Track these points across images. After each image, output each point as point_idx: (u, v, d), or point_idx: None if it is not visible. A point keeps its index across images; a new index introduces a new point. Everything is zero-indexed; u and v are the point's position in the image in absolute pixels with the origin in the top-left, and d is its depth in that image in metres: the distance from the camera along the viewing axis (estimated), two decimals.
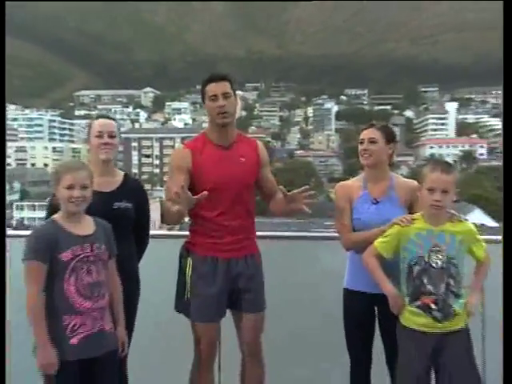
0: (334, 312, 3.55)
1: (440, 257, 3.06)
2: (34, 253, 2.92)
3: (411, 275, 3.11)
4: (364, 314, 3.43)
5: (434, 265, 3.06)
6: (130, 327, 3.29)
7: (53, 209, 3.20)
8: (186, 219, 3.69)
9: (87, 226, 3.07)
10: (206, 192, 3.10)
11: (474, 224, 3.43)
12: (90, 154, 3.54)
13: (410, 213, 3.31)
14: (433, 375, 3.16)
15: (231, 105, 3.31)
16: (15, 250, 3.69)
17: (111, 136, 3.39)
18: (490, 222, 29.96)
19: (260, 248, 3.59)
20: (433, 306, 3.04)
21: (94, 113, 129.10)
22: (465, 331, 3.10)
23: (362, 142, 3.46)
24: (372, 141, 3.39)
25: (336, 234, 3.62)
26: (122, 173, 3.54)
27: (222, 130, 3.38)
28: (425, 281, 3.08)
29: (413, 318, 3.08)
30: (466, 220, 3.24)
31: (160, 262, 4.09)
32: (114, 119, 3.67)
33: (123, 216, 3.35)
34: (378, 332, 3.51)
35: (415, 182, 3.39)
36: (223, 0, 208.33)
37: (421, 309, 3.07)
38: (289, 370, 3.99)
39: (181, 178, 3.30)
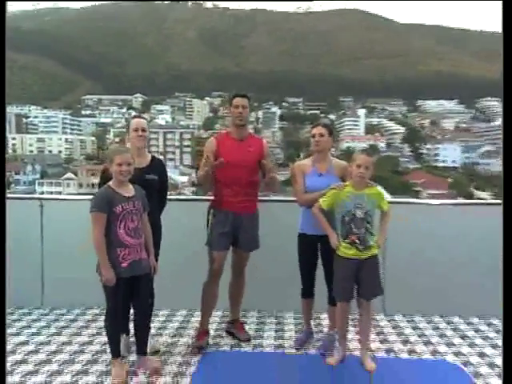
0: (293, 250, 3.72)
1: (361, 210, 3.31)
2: (97, 207, 3.12)
3: (343, 222, 3.33)
4: (311, 249, 3.65)
5: (357, 215, 3.31)
6: (156, 257, 3.47)
7: (105, 179, 3.34)
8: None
9: (130, 190, 3.24)
10: (222, 159, 3.49)
11: None
12: (129, 143, 3.59)
13: (342, 181, 3.52)
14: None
15: (246, 113, 3.71)
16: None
17: (143, 130, 3.55)
18: (387, 196, 30.93)
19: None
20: (357, 242, 3.31)
21: (96, 112, 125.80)
22: (375, 257, 3.39)
23: (314, 136, 3.63)
24: (321, 135, 3.61)
25: (292, 198, 3.82)
26: (150, 155, 3.66)
27: (238, 128, 3.75)
28: (352, 226, 3.32)
29: (344, 250, 3.33)
30: (376, 185, 3.45)
31: (177, 215, 4.12)
32: (144, 118, 3.83)
33: (151, 184, 3.48)
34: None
35: (345, 163, 3.60)
36: (196, 30, 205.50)
37: (349, 244, 3.32)
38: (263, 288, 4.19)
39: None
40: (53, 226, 4.54)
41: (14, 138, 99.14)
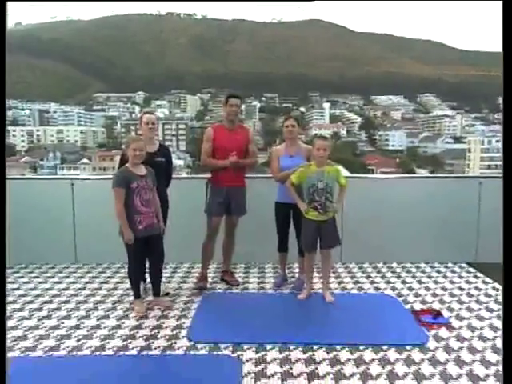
0: (271, 215, 3.88)
1: (322, 183, 3.46)
2: (118, 184, 3.25)
3: (309, 193, 3.49)
4: (285, 213, 3.80)
5: (319, 187, 3.46)
6: (165, 222, 3.58)
7: (123, 161, 3.45)
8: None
9: (142, 170, 3.35)
10: (234, 152, 3.71)
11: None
12: (142, 133, 3.66)
13: (307, 161, 3.63)
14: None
15: (238, 110, 3.84)
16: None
17: (153, 123, 3.64)
18: (346, 172, 31.29)
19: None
20: (318, 207, 3.49)
21: (105, 107, 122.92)
22: (333, 219, 3.56)
23: (287, 126, 3.76)
24: (293, 126, 3.76)
25: (270, 175, 3.95)
26: (158, 142, 3.76)
27: (230, 121, 3.87)
28: (315, 195, 3.48)
29: (309, 213, 3.51)
30: (336, 164, 3.64)
31: (180, 191, 4.20)
32: (153, 113, 3.91)
33: (160, 166, 3.59)
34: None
35: (310, 146, 3.71)
36: (188, 37, 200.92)
37: (313, 209, 3.49)
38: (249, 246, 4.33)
39: (209, 144, 3.81)
40: (81, 201, 4.66)
41: (37, 130, 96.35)
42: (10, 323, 3.21)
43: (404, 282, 4.09)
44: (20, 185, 4.78)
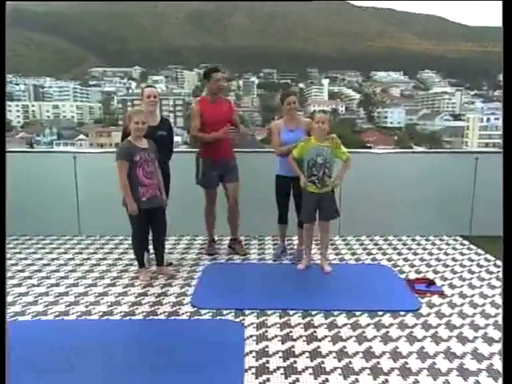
0: (272, 188, 3.94)
1: (321, 157, 3.51)
2: (121, 156, 3.29)
3: (308, 166, 3.54)
4: (285, 186, 3.84)
5: (318, 161, 3.52)
6: (167, 195, 3.67)
7: (126, 134, 3.45)
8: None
9: (145, 143, 3.39)
10: (228, 124, 3.76)
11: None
12: (143, 107, 3.67)
13: (307, 135, 3.68)
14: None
15: (225, 84, 3.87)
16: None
17: (154, 96, 3.65)
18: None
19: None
20: (316, 181, 3.55)
21: (102, 82, 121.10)
22: (331, 192, 3.63)
23: (289, 103, 3.74)
24: (294, 102, 3.76)
25: (269, 149, 4.07)
26: (160, 116, 3.78)
27: (213, 95, 3.91)
28: (313, 169, 3.53)
29: (308, 187, 3.59)
30: (336, 139, 3.57)
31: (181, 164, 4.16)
32: (155, 87, 3.91)
33: (162, 139, 3.64)
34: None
35: (309, 119, 3.78)
36: (185, 11, 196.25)
37: (311, 182, 3.56)
38: (249, 219, 4.33)
39: (198, 120, 3.84)
40: (83, 174, 4.72)
41: (33, 105, 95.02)
42: (19, 290, 3.34)
43: (400, 254, 4.21)
44: (22, 159, 4.83)
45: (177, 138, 59.69)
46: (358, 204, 4.68)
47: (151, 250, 3.76)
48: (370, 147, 55.89)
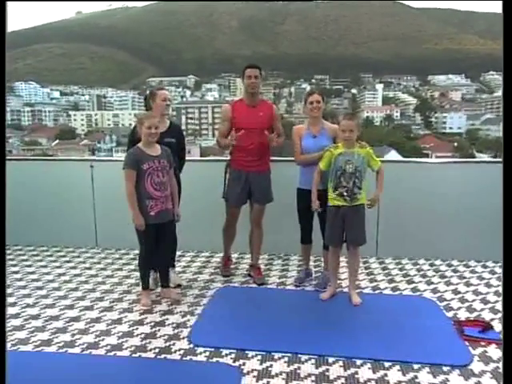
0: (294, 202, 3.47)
1: (351, 166, 3.03)
2: (128, 165, 3.00)
3: (335, 176, 3.06)
4: (308, 201, 3.28)
5: (347, 170, 3.04)
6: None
7: (135, 140, 3.15)
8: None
9: (157, 149, 3.08)
10: (242, 131, 3.30)
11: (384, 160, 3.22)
12: (155, 111, 3.29)
13: (334, 142, 3.27)
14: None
15: (257, 82, 3.40)
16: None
17: (169, 100, 3.39)
18: (399, 157, 29.79)
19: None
20: (345, 194, 3.05)
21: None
22: (361, 207, 3.08)
23: (312, 103, 3.31)
24: (318, 101, 3.30)
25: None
26: (169, 121, 3.46)
27: (250, 96, 3.46)
28: (341, 179, 3.05)
29: (334, 201, 3.09)
30: (367, 146, 3.12)
31: (195, 173, 3.95)
32: (167, 89, 3.60)
33: (170, 146, 3.24)
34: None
35: (336, 125, 3.28)
36: (238, 20, 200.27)
37: (338, 195, 3.07)
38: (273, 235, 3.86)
39: (226, 124, 3.45)
40: (101, 183, 4.47)
41: (96, 114, 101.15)
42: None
43: (448, 284, 3.52)
44: (41, 165, 4.79)
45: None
46: (401, 220, 4.07)
47: None
48: (427, 154, 53.29)
